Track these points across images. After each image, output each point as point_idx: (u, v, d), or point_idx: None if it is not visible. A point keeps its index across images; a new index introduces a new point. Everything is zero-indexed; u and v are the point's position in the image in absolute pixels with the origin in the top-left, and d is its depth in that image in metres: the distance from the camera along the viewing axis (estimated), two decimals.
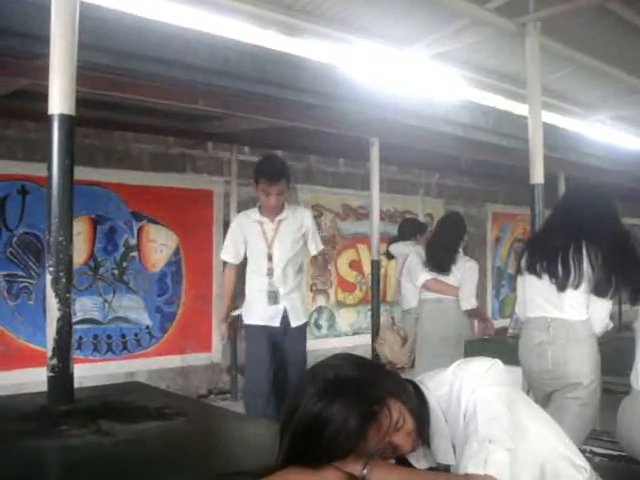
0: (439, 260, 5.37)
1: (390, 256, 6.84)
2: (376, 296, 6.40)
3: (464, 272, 5.30)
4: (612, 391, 3.84)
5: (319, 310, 8.44)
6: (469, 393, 1.59)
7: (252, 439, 2.13)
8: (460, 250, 5.51)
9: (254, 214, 4.66)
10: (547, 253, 3.48)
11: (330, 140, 6.90)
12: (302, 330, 4.74)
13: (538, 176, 4.73)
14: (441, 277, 5.33)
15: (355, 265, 8.84)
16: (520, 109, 6.97)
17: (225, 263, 4.86)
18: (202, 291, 7.33)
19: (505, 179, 9.75)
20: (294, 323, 4.62)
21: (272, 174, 4.41)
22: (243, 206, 7.38)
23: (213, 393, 7.40)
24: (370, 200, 6.42)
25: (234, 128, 6.50)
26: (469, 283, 5.31)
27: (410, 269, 5.71)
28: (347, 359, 1.64)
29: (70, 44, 2.68)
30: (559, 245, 3.43)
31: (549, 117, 7.99)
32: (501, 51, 6.71)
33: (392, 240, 6.77)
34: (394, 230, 7.29)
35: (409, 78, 6.55)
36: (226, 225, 7.22)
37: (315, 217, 8.35)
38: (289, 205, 4.77)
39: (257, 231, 4.59)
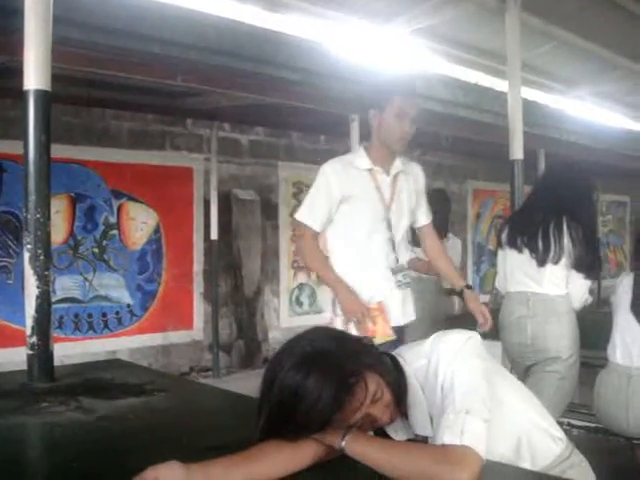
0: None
1: None
2: None
3: (448, 249, 5.30)
4: (590, 365, 3.90)
5: (300, 287, 8.46)
6: (446, 365, 1.60)
7: (232, 413, 2.14)
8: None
9: (360, 160, 3.21)
10: (528, 228, 3.51)
11: (311, 117, 6.87)
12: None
13: (517, 152, 4.74)
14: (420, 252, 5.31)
15: None
16: (500, 85, 6.96)
17: (299, 230, 3.36)
18: (183, 269, 7.32)
19: (486, 155, 9.76)
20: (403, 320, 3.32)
21: (414, 87, 3.21)
22: (224, 184, 7.39)
23: (195, 371, 7.42)
24: None
25: (214, 104, 6.46)
26: (453, 260, 5.29)
27: None
28: (324, 332, 1.65)
29: (44, 19, 2.66)
30: (540, 220, 3.47)
31: (529, 93, 8.00)
32: (481, 27, 6.69)
33: None
34: None
35: (389, 54, 6.53)
36: (207, 203, 7.22)
37: (295, 194, 8.39)
38: None
39: (368, 185, 3.18)
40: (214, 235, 7.25)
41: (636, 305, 3.47)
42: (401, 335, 3.25)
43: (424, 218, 3.48)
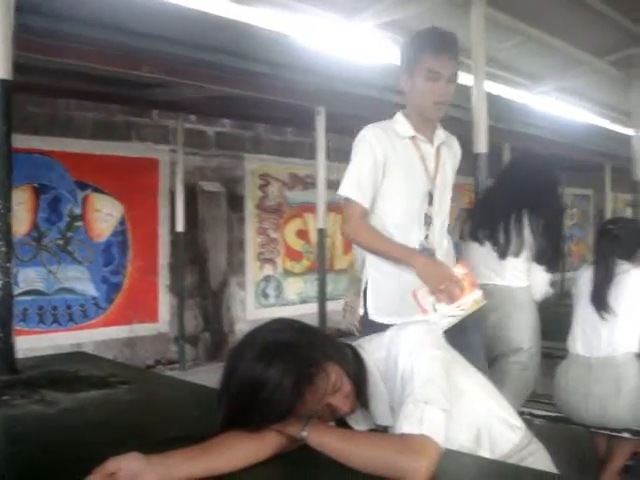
0: None
1: None
2: (322, 265, 6.42)
3: None
4: (552, 355, 3.96)
5: (267, 279, 8.47)
6: (406, 356, 1.62)
7: (196, 405, 2.14)
8: None
9: (402, 127, 2.77)
10: (489, 221, 3.53)
11: (277, 109, 6.87)
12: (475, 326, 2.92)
13: (481, 146, 4.76)
14: None
15: (302, 234, 8.87)
16: (465, 79, 7.00)
17: (346, 207, 2.77)
18: (148, 261, 7.29)
19: None
20: None
21: (446, 43, 2.69)
22: (189, 175, 7.36)
23: (161, 363, 7.40)
24: (317, 169, 6.42)
25: (180, 96, 6.42)
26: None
27: None
28: (285, 323, 1.66)
29: (6, 6, 2.62)
30: (501, 213, 3.49)
31: (495, 88, 8.06)
32: (447, 21, 6.67)
33: None
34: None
35: (356, 47, 6.54)
36: (172, 195, 7.18)
37: (262, 186, 8.38)
38: None
39: (411, 154, 2.76)
40: (180, 227, 7.23)
41: (596, 297, 3.53)
42: None
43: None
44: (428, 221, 2.79)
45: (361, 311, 2.81)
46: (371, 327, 2.52)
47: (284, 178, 8.68)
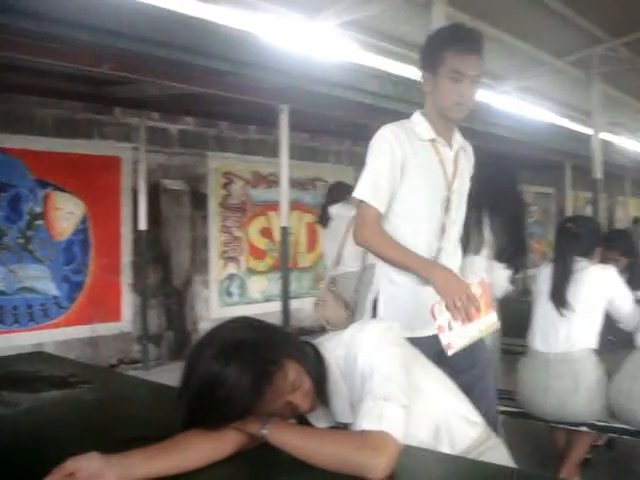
0: None
1: (325, 221, 6.24)
2: (285, 263, 6.42)
3: None
4: (513, 352, 4.02)
5: (230, 278, 8.45)
6: (366, 354, 1.64)
7: (157, 405, 2.13)
8: None
9: (422, 128, 2.59)
10: None
11: (240, 107, 6.85)
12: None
13: None
14: None
15: (266, 232, 8.86)
16: None
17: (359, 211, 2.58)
18: (111, 260, 7.23)
19: None
20: None
21: (471, 41, 2.53)
22: (152, 174, 7.31)
23: (124, 363, 7.34)
24: (280, 167, 6.42)
25: (143, 93, 6.38)
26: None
27: None
28: (244, 322, 1.67)
29: None
30: None
31: None
32: (409, 20, 6.77)
33: (327, 203, 6.30)
34: (305, 197, 7.28)
35: (318, 45, 6.56)
36: (135, 193, 7.13)
37: (225, 185, 8.36)
38: None
39: (431, 157, 2.60)
40: (142, 225, 7.19)
41: (554, 294, 3.58)
42: None
43: None
44: (443, 229, 2.62)
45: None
46: None
47: (247, 176, 8.67)
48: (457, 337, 2.28)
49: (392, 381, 1.57)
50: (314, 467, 1.48)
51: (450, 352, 2.26)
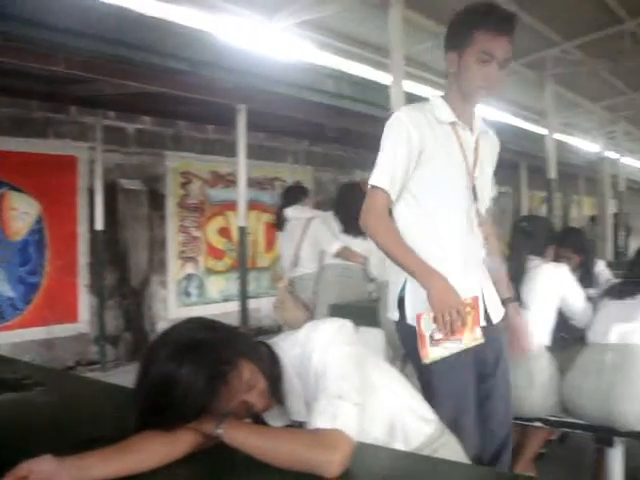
0: (356, 224, 5.12)
1: (281, 224, 6.09)
2: (243, 263, 6.40)
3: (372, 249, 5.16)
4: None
5: (188, 278, 8.41)
6: (320, 353, 1.65)
7: (113, 406, 2.13)
8: None
9: (441, 111, 2.45)
10: None
11: (198, 106, 6.83)
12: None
13: None
14: (353, 243, 5.25)
15: (224, 232, 8.84)
16: (385, 78, 7.11)
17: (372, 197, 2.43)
18: (67, 260, 7.14)
19: (372, 147, 9.91)
20: (495, 317, 2.57)
21: (504, 22, 2.35)
22: (109, 173, 7.25)
23: (81, 364, 7.26)
24: (238, 167, 6.41)
25: (99, 92, 6.32)
26: (377, 251, 5.05)
27: (317, 234, 5.53)
28: (198, 322, 1.68)
29: None
30: None
31: (415, 87, 8.19)
32: (366, 21, 6.81)
33: (283, 205, 6.11)
34: (263, 197, 7.27)
35: (276, 45, 6.57)
36: (91, 193, 7.06)
37: (183, 184, 8.32)
38: None
39: (452, 142, 2.44)
40: (99, 226, 7.12)
41: None
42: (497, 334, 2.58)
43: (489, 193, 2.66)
44: (477, 216, 2.47)
45: (396, 315, 2.45)
46: (409, 334, 2.30)
47: (206, 176, 8.64)
48: (437, 348, 2.23)
49: (346, 379, 1.59)
50: (269, 466, 1.50)
51: (425, 361, 2.23)
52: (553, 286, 3.61)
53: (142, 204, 7.74)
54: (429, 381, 2.38)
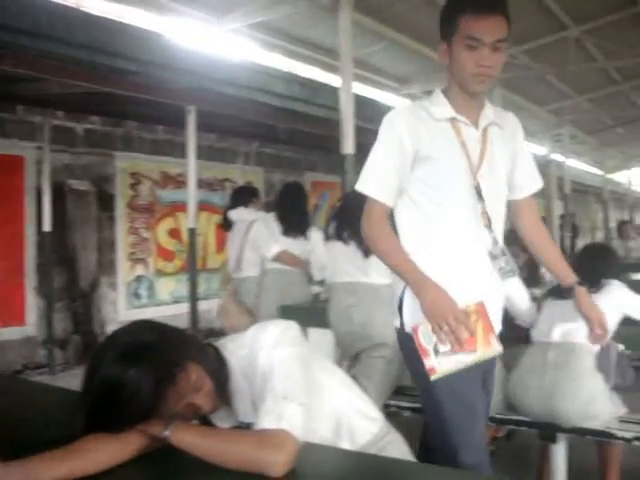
0: (296, 225, 5.12)
1: (228, 226, 6.04)
2: (193, 264, 6.38)
3: (312, 242, 5.14)
4: None
5: (138, 279, 8.35)
6: (266, 354, 1.67)
7: (60, 409, 2.12)
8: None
9: (439, 108, 2.29)
10: (354, 220, 3.63)
11: (148, 107, 6.79)
12: None
13: (349, 146, 4.90)
14: (294, 244, 5.19)
15: (174, 233, 8.79)
16: (335, 81, 7.17)
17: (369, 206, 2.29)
18: (14, 262, 7.04)
19: (323, 149, 9.99)
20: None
21: (489, 1, 2.15)
22: (57, 174, 7.16)
23: (29, 368, 7.15)
24: (187, 168, 6.40)
25: (46, 91, 6.24)
26: (320, 253, 4.84)
27: (257, 238, 5.43)
28: (145, 325, 1.69)
29: None
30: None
31: (364, 90, 8.27)
32: (316, 24, 6.86)
33: (229, 207, 6.08)
34: (214, 198, 7.23)
35: (226, 47, 6.57)
36: (39, 193, 6.97)
37: (133, 185, 8.25)
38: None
39: (451, 140, 2.27)
40: (47, 227, 7.03)
41: None
42: None
43: (523, 187, 2.48)
44: (488, 221, 2.29)
45: (397, 322, 2.34)
46: (409, 343, 2.18)
47: (156, 177, 8.58)
48: (444, 361, 2.09)
49: (291, 380, 1.62)
50: (217, 467, 1.51)
51: (433, 377, 2.08)
52: None
53: (91, 205, 7.66)
54: (432, 395, 2.27)
